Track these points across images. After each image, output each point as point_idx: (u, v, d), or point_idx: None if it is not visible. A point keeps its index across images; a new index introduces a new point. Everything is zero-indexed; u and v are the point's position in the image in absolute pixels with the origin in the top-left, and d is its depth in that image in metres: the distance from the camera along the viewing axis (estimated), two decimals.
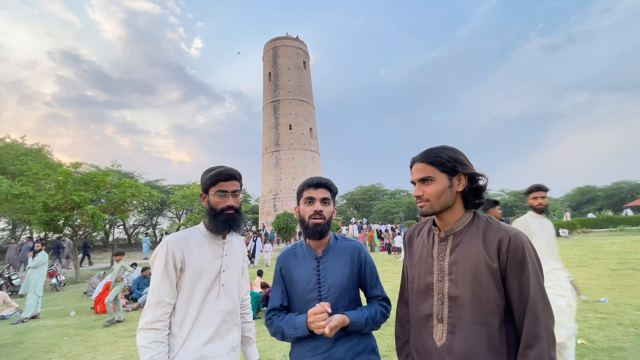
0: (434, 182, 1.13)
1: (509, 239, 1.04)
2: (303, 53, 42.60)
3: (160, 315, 1.31)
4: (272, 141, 38.58)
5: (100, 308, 7.16)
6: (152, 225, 41.20)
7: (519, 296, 1.02)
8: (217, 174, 1.44)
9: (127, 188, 13.89)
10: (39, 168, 12.82)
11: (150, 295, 1.34)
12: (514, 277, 1.03)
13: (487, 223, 1.12)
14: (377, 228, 23.42)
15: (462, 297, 1.07)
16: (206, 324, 1.38)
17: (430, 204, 1.13)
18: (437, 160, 1.13)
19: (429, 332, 1.14)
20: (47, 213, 11.65)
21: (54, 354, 4.60)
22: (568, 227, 22.09)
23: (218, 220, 1.44)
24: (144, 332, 1.29)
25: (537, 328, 0.99)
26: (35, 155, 22.99)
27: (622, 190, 43.95)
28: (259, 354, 4.06)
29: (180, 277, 1.39)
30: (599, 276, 7.49)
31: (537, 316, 1.00)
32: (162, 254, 1.36)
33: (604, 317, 4.55)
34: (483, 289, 1.05)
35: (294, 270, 1.44)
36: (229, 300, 1.47)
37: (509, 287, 1.05)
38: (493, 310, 1.04)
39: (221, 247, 1.50)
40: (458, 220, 1.15)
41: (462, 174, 1.13)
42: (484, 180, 1.13)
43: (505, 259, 1.04)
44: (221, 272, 1.46)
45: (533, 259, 1.04)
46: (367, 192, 51.65)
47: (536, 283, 1.02)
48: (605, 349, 3.46)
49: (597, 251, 12.11)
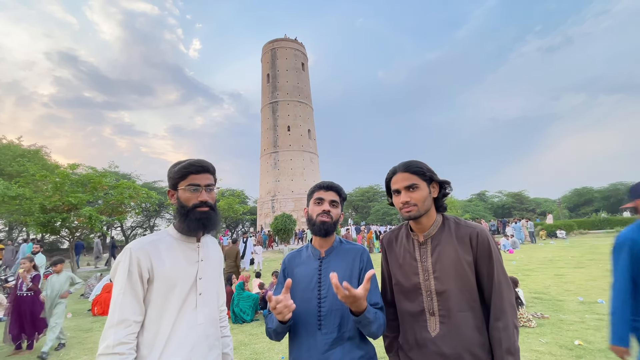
0: (419, 189, 1.30)
1: (477, 234, 1.25)
2: (301, 55, 42.65)
3: (124, 336, 1.10)
4: (270, 142, 38.56)
5: (99, 310, 7.13)
6: (149, 226, 41.04)
7: (488, 280, 1.24)
8: (188, 165, 1.28)
9: (124, 189, 13.85)
10: (36, 169, 12.77)
11: (112, 314, 1.12)
12: (483, 265, 1.24)
13: (455, 223, 1.32)
14: (376, 229, 23.43)
15: (448, 291, 1.24)
16: (182, 341, 1.19)
17: (417, 208, 1.29)
18: (420, 170, 1.31)
19: (423, 325, 1.28)
20: (44, 214, 11.61)
21: (51, 356, 4.57)
22: (565, 229, 22.17)
23: (190, 219, 1.26)
24: (105, 357, 1.07)
25: (502, 303, 1.20)
26: (32, 157, 22.91)
27: (619, 192, 44.15)
28: (257, 356, 4.06)
29: (148, 290, 1.18)
30: (596, 277, 7.53)
31: (502, 294, 1.21)
32: (125, 263, 1.15)
33: (601, 318, 4.57)
34: (464, 281, 1.24)
35: (296, 270, 1.45)
36: (208, 312, 1.30)
37: (479, 273, 1.25)
38: (474, 297, 1.24)
39: (195, 251, 1.32)
40: (432, 225, 1.33)
41: (435, 182, 1.34)
42: (450, 188, 1.36)
43: (476, 251, 1.25)
44: (197, 280, 1.28)
45: (495, 249, 1.26)
46: (365, 193, 51.71)
47: (500, 268, 1.24)
48: (603, 350, 3.47)
49: (594, 252, 12.16)
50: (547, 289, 6.73)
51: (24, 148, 24.57)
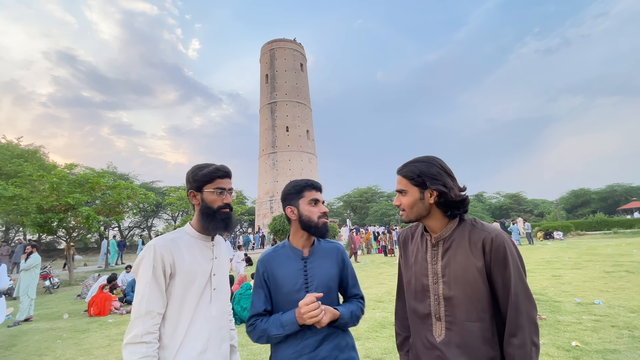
0: (407, 194, 1.24)
1: (491, 240, 1.13)
2: (300, 55, 42.69)
3: (150, 326, 1.20)
4: (269, 143, 38.55)
5: (95, 311, 7.09)
6: (147, 227, 40.91)
7: (503, 290, 1.12)
8: (216, 170, 1.39)
9: (122, 190, 13.80)
10: (33, 169, 12.71)
11: (138, 306, 1.21)
12: (498, 273, 1.12)
13: (472, 226, 1.21)
14: (374, 230, 23.44)
15: (456, 297, 1.16)
16: (200, 333, 1.30)
17: (406, 213, 1.25)
18: (409, 175, 1.23)
19: (429, 329, 1.22)
20: (41, 215, 11.53)
21: (47, 357, 4.54)
22: (562, 230, 22.26)
23: (217, 219, 1.37)
24: (133, 346, 1.16)
25: (519, 318, 1.08)
26: (30, 157, 22.85)
27: (615, 193, 44.41)
28: (254, 357, 4.06)
29: (169, 284, 1.28)
30: (593, 278, 7.55)
31: (519, 307, 1.09)
32: (149, 259, 1.25)
33: (598, 319, 4.58)
34: (473, 289, 1.14)
35: (277, 272, 1.40)
36: (221, 306, 1.41)
37: (494, 283, 1.14)
38: (484, 307, 1.14)
39: (210, 249, 1.42)
40: (445, 227, 1.23)
41: (431, 189, 1.20)
42: (454, 194, 1.19)
43: (489, 257, 1.13)
44: (212, 276, 1.39)
45: (514, 256, 1.13)
46: (363, 194, 51.77)
47: (517, 277, 1.11)
48: (600, 351, 3.48)
49: (591, 253, 12.20)
50: (544, 290, 6.74)
51: (22, 148, 24.49)
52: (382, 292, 7.51)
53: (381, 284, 8.67)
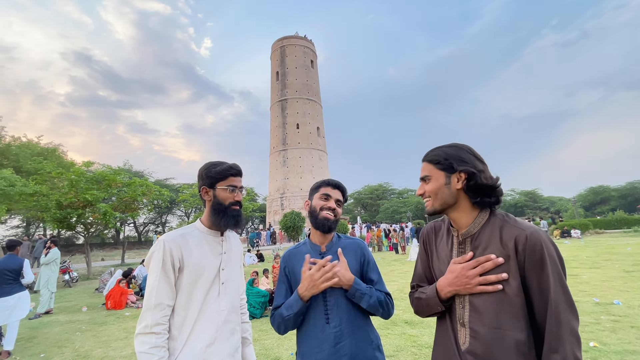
0: (431, 180, 1.14)
1: (526, 238, 0.99)
2: (310, 52, 42.59)
3: (160, 318, 1.25)
4: (279, 140, 38.70)
5: (112, 304, 7.30)
6: (161, 223, 41.77)
7: (540, 297, 0.97)
8: (229, 168, 1.43)
9: (137, 187, 14.12)
10: (52, 167, 13.12)
11: (148, 298, 1.27)
12: (534, 277, 0.98)
13: (504, 221, 1.07)
14: (385, 227, 23.32)
15: (483, 302, 1.03)
16: (207, 325, 1.33)
17: (431, 202, 1.15)
18: (435, 159, 1.14)
19: (454, 335, 1.10)
20: (60, 211, 11.90)
21: (67, 348, 4.70)
22: (580, 228, 21.67)
23: (228, 215, 1.41)
24: (143, 336, 1.22)
25: (560, 330, 0.94)
26: (50, 155, 23.56)
27: (636, 190, 42.91)
28: (266, 351, 4.10)
29: (178, 277, 1.33)
30: (612, 278, 7.34)
31: (560, 318, 0.94)
32: (159, 253, 1.30)
33: (617, 319, 4.46)
34: (504, 293, 1.00)
35: (297, 267, 1.45)
36: (230, 299, 1.43)
37: (529, 288, 0.99)
38: (518, 314, 0.99)
39: (220, 244, 1.46)
40: (474, 222, 1.10)
41: (460, 172, 1.09)
42: (484, 177, 1.07)
43: (522, 258, 0.99)
44: (220, 270, 1.42)
45: (554, 257, 0.98)
46: (374, 191, 51.50)
47: (557, 283, 0.96)
48: (619, 352, 3.39)
49: (610, 252, 11.86)
50: None
51: (42, 146, 25.27)
52: (394, 290, 7.47)
53: (392, 282, 8.64)
